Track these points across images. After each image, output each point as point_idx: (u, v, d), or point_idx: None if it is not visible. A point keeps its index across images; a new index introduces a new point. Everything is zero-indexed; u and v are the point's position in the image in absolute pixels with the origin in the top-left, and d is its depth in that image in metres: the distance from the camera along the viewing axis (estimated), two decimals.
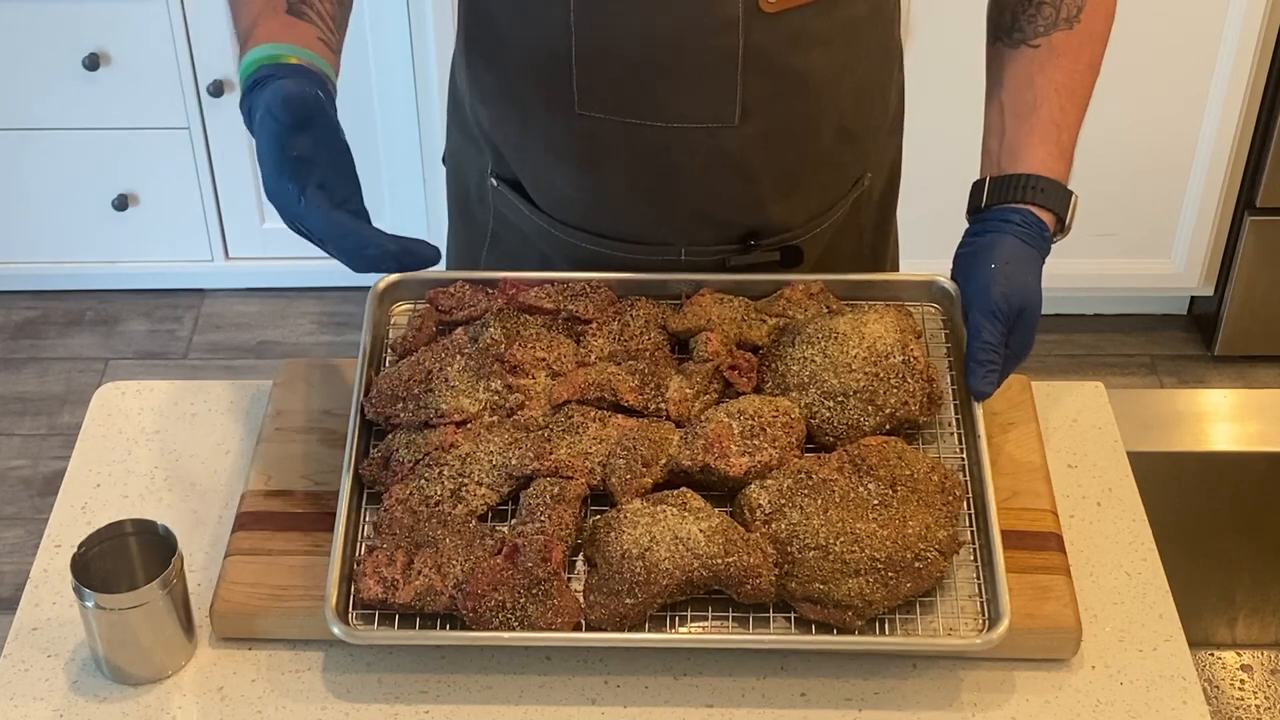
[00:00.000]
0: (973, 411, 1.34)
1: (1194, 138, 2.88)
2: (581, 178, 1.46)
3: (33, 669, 1.27)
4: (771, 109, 1.40)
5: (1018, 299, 1.34)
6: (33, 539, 2.68)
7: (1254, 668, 1.72)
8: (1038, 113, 1.41)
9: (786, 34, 1.37)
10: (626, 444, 1.30)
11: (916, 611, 1.25)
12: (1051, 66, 1.42)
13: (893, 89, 1.54)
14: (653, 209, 1.46)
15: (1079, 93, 1.43)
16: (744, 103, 1.39)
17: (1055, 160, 1.39)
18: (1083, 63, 1.43)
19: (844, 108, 1.45)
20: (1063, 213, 1.39)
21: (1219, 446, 1.62)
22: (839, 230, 1.55)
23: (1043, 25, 1.42)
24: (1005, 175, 1.39)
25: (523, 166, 1.50)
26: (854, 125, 1.48)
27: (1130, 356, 3.17)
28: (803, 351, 1.36)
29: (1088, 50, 1.44)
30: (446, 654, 1.28)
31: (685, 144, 1.41)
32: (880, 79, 1.50)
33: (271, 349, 3.13)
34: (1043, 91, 1.41)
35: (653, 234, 1.48)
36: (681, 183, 1.44)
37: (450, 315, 1.42)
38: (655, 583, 1.21)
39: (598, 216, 1.48)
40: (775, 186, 1.47)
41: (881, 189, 1.60)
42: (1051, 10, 1.42)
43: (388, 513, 1.28)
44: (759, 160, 1.44)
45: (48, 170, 3.08)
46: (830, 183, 1.52)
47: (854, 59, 1.43)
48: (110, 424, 1.49)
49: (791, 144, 1.44)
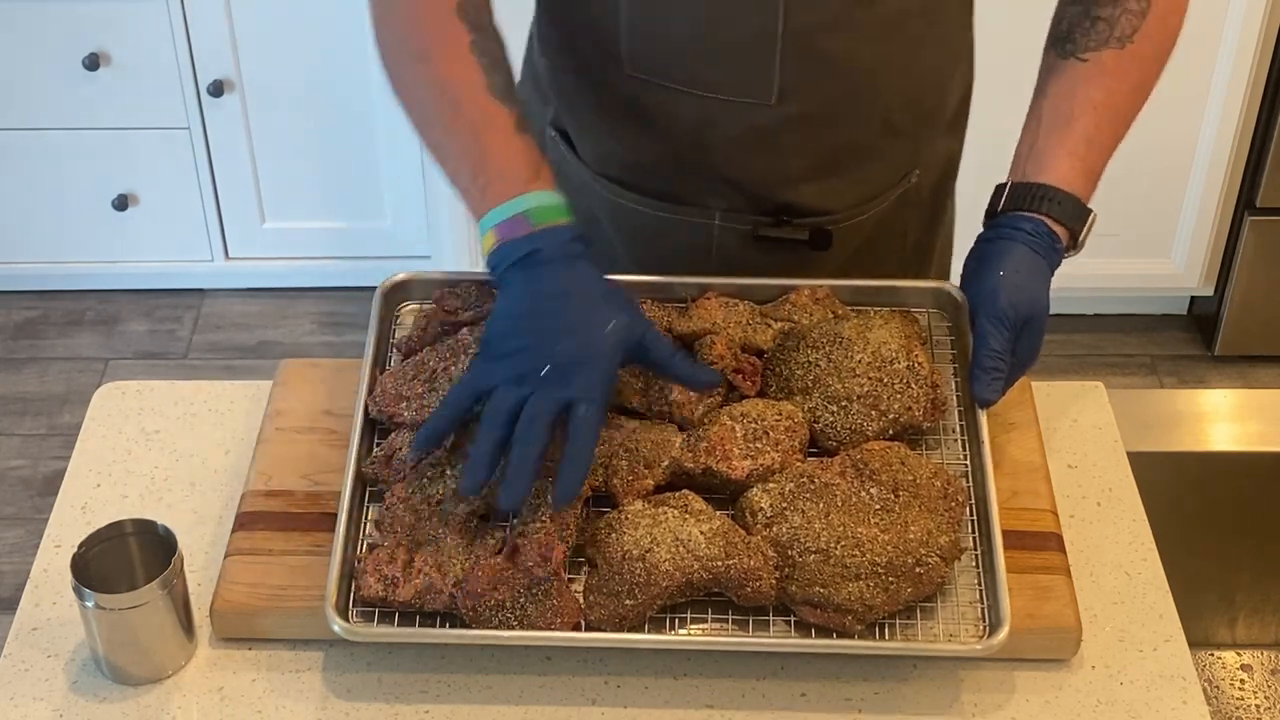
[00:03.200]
0: (976, 418, 1.34)
1: (1194, 138, 2.88)
2: (624, 136, 1.48)
3: (33, 669, 1.27)
4: (809, 92, 1.41)
5: (1025, 307, 1.33)
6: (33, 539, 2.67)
7: (1254, 668, 1.72)
8: (1071, 126, 1.40)
9: (826, 19, 1.37)
10: (629, 445, 1.30)
11: (917, 616, 1.25)
12: (1095, 84, 1.41)
13: (952, 87, 1.53)
14: (688, 173, 1.48)
15: (1118, 114, 1.42)
16: (782, 83, 1.40)
17: (1078, 176, 1.39)
18: (1127, 84, 1.42)
19: (889, 100, 1.45)
20: (1076, 229, 1.38)
21: (1219, 446, 1.62)
22: (880, 224, 1.55)
23: (1095, 41, 1.41)
24: (1025, 182, 1.39)
25: (572, 119, 1.53)
26: (901, 119, 1.48)
27: (1130, 356, 3.17)
28: (807, 356, 1.36)
29: (1136, 73, 1.42)
30: (446, 654, 1.28)
31: (722, 115, 1.43)
32: (935, 76, 1.50)
33: (271, 349, 3.14)
34: (1081, 106, 1.40)
35: (688, 196, 1.50)
36: (716, 152, 1.46)
37: (456, 315, 1.42)
38: (655, 584, 1.21)
39: (637, 174, 1.51)
40: (808, 168, 1.47)
41: (931, 188, 1.59)
42: (1106, 27, 1.41)
43: (389, 511, 1.28)
44: (793, 140, 1.44)
45: (48, 170, 3.08)
46: (871, 174, 1.52)
47: (903, 53, 1.43)
48: (110, 424, 1.49)
49: (828, 129, 1.45)
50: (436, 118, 1.34)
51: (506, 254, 1.27)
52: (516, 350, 1.23)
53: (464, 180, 1.32)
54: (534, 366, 1.22)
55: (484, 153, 1.31)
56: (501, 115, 1.32)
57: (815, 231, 1.50)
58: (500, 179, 1.29)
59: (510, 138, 1.31)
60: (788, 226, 1.50)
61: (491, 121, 1.31)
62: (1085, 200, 1.39)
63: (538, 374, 1.21)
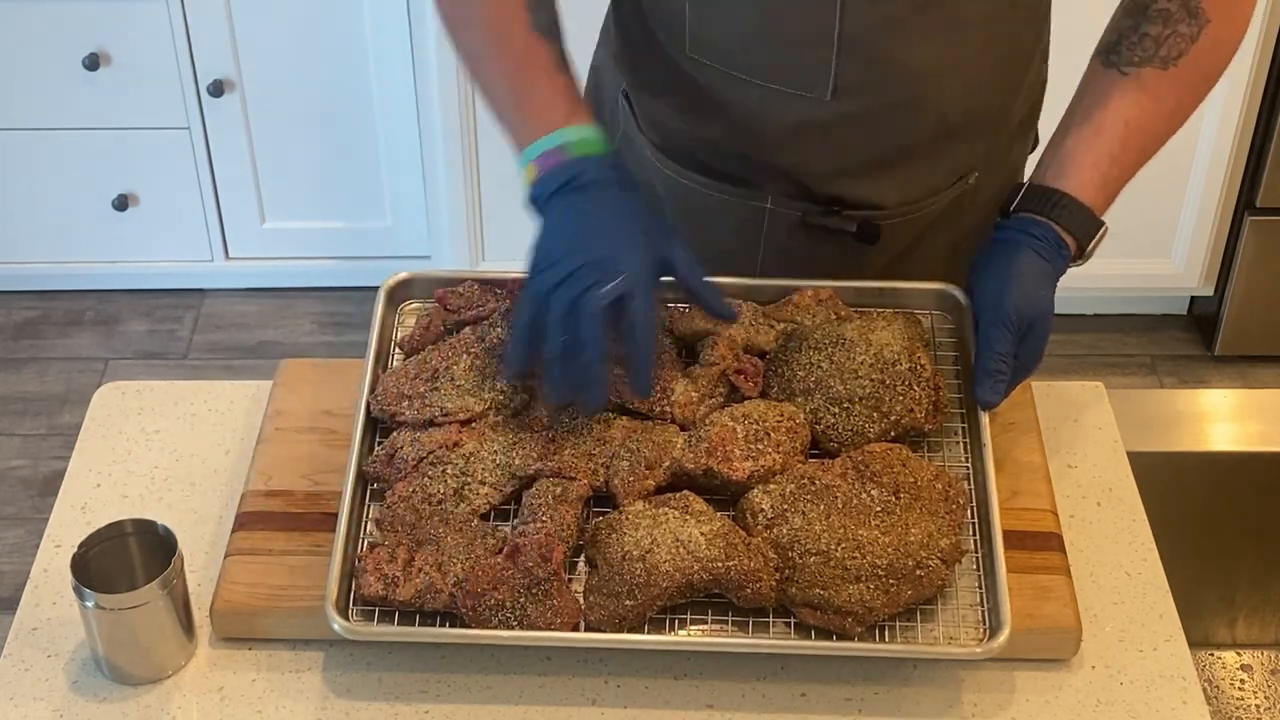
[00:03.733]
0: (978, 420, 1.34)
1: (1194, 138, 2.88)
2: (685, 116, 1.50)
3: (33, 669, 1.27)
4: (865, 91, 1.41)
5: (1029, 311, 1.33)
6: (33, 539, 2.68)
7: (1254, 668, 1.72)
8: (1099, 138, 1.39)
9: (883, 21, 1.37)
10: (630, 446, 1.30)
11: (917, 618, 1.25)
12: (1131, 99, 1.40)
13: (1019, 94, 1.52)
14: (743, 158, 1.49)
15: (1148, 133, 1.41)
16: (837, 81, 1.40)
17: (1095, 189, 1.38)
18: (1166, 106, 1.41)
19: (948, 104, 1.45)
20: (1084, 240, 1.38)
21: (1219, 446, 1.62)
22: (935, 224, 1.54)
23: (1139, 57, 1.40)
24: (1042, 186, 1.39)
25: (638, 94, 1.55)
26: (960, 122, 1.47)
27: (1130, 356, 3.17)
28: (809, 357, 1.36)
29: (1174, 96, 1.41)
30: (446, 653, 1.28)
31: (779, 106, 1.43)
32: (1000, 82, 1.48)
33: (271, 349, 3.13)
34: (1112, 120, 1.40)
35: (743, 179, 1.51)
36: (771, 141, 1.46)
37: (458, 315, 1.42)
38: (655, 585, 1.21)
39: (696, 154, 1.52)
40: (861, 164, 1.47)
41: (993, 192, 1.55)
42: (1152, 45, 1.40)
43: (390, 509, 1.28)
44: (847, 137, 1.45)
45: (48, 170, 3.08)
46: (927, 174, 1.51)
47: (959, 58, 1.42)
48: (110, 424, 1.49)
49: (881, 128, 1.45)
50: (482, 54, 1.40)
51: (547, 183, 1.31)
52: (561, 258, 1.26)
53: (507, 114, 1.37)
54: (579, 269, 1.25)
55: (526, 88, 1.35)
56: (544, 52, 1.36)
57: (863, 225, 1.50)
58: (540, 114, 1.34)
59: (552, 74, 1.36)
60: (836, 217, 1.50)
61: (534, 58, 1.36)
62: (1099, 213, 1.39)
63: (584, 277, 1.25)
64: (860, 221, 1.49)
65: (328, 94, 3.00)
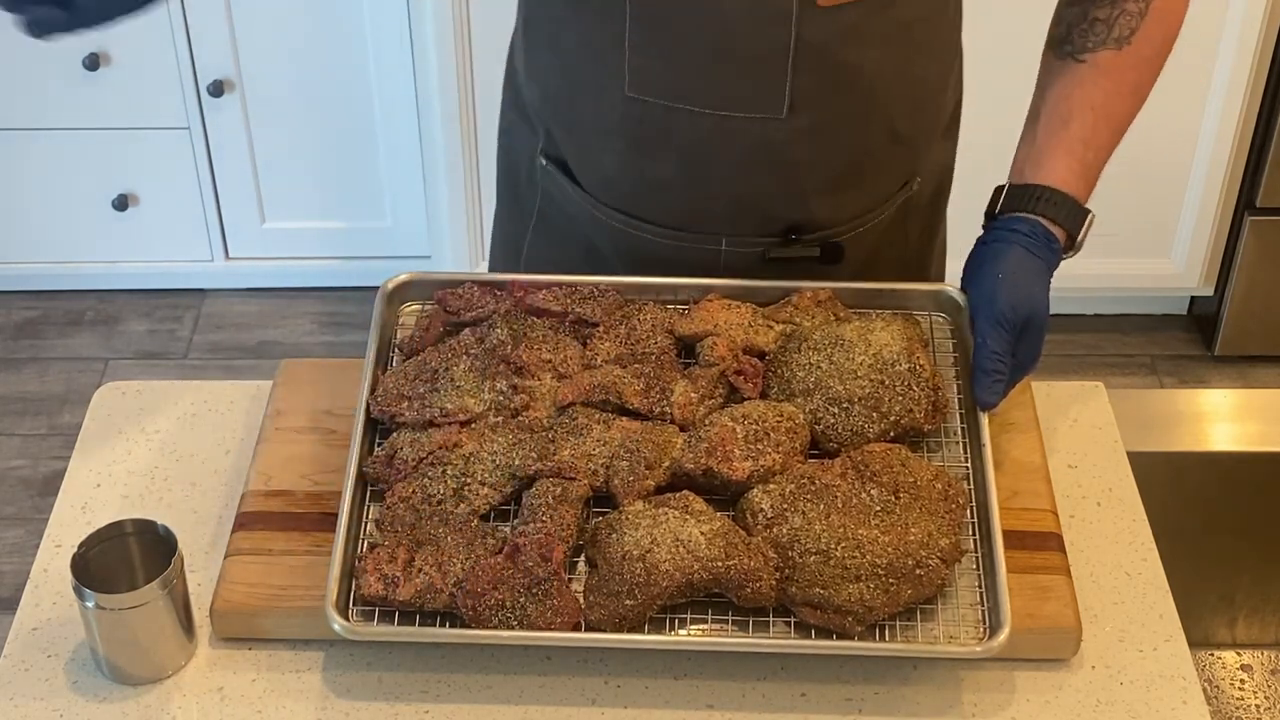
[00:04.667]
0: (978, 420, 1.34)
1: (1194, 138, 2.88)
2: (628, 161, 1.47)
3: (33, 669, 1.27)
4: (820, 104, 1.41)
5: (1024, 309, 1.34)
6: (33, 539, 2.68)
7: (1254, 668, 1.72)
8: (1068, 128, 1.40)
9: (839, 30, 1.37)
10: (630, 446, 1.30)
11: (917, 617, 1.25)
12: (1092, 84, 1.41)
13: (948, 93, 1.53)
14: (696, 196, 1.47)
15: (1116, 115, 1.42)
16: (792, 96, 1.39)
17: (1075, 177, 1.39)
18: (1126, 86, 1.42)
19: (895, 109, 1.45)
20: (1074, 229, 1.38)
21: (1219, 446, 1.62)
22: (884, 233, 1.55)
23: (1093, 42, 1.41)
24: (1022, 184, 1.39)
25: (570, 147, 1.51)
26: (905, 127, 1.48)
27: (1130, 356, 3.17)
28: (809, 358, 1.36)
29: (1134, 74, 1.43)
30: (446, 653, 1.28)
31: (732, 133, 1.41)
32: (935, 82, 1.50)
33: (271, 349, 3.13)
34: (1078, 107, 1.40)
35: (695, 222, 1.48)
36: (726, 171, 1.44)
37: (458, 316, 1.42)
38: (655, 584, 1.21)
39: (642, 201, 1.49)
40: (819, 182, 1.46)
41: (930, 194, 1.59)
42: (1104, 28, 1.41)
43: (390, 510, 1.28)
44: (804, 155, 1.44)
45: (48, 170, 3.08)
46: (877, 183, 1.51)
47: (908, 60, 1.43)
48: (110, 424, 1.49)
49: (838, 141, 1.44)
50: None
51: None
52: None
53: None
54: None
55: None
56: None
57: (826, 247, 1.50)
58: None
59: None
60: (798, 245, 1.49)
61: None
62: (1083, 201, 1.39)
63: None
64: (822, 244, 1.49)
65: (328, 94, 3.00)
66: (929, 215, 1.61)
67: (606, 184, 1.50)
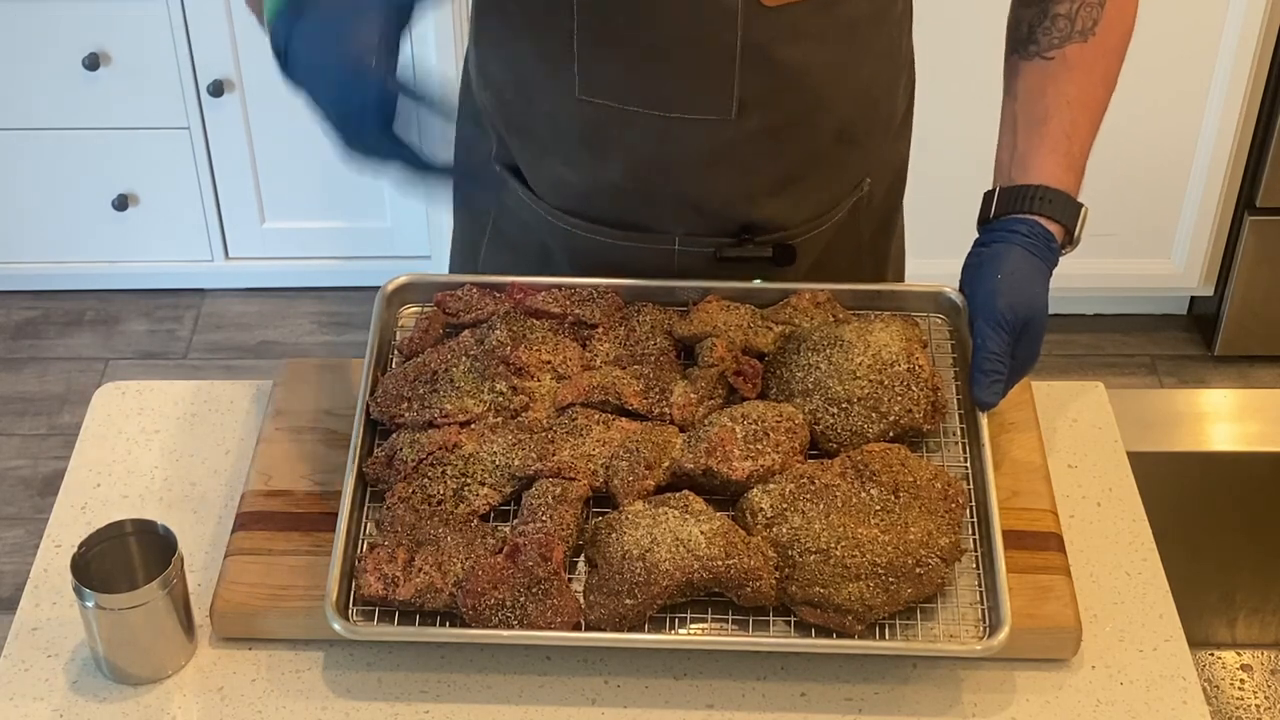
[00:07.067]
0: (977, 421, 1.34)
1: (1194, 138, 2.88)
2: (579, 163, 1.46)
3: (33, 669, 1.27)
4: (769, 105, 1.40)
5: (1024, 309, 1.34)
6: (33, 539, 2.68)
7: (1254, 668, 1.72)
8: (1048, 124, 1.40)
9: (785, 29, 1.37)
10: (629, 446, 1.30)
11: (917, 617, 1.25)
12: (1064, 79, 1.41)
13: (899, 94, 1.54)
14: (648, 197, 1.47)
15: (1092, 106, 1.42)
16: (741, 97, 1.39)
17: (1064, 172, 1.39)
18: (1096, 76, 1.43)
19: (844, 109, 1.45)
20: (1071, 224, 1.38)
21: (1219, 446, 1.62)
22: (837, 234, 1.55)
23: (1057, 38, 1.42)
24: (1013, 186, 1.39)
25: (523, 151, 1.51)
26: (855, 127, 1.48)
27: (1130, 356, 3.17)
28: (808, 358, 1.36)
29: (1102, 64, 1.43)
30: (446, 653, 1.28)
31: (682, 135, 1.41)
32: (885, 82, 1.50)
33: (271, 349, 3.13)
34: (1054, 103, 1.41)
35: (648, 223, 1.48)
36: (677, 173, 1.44)
37: (458, 318, 1.43)
38: (655, 584, 1.21)
39: (594, 203, 1.49)
40: (770, 183, 1.47)
41: (883, 194, 1.59)
42: (1066, 23, 1.42)
43: (390, 510, 1.28)
44: (754, 156, 1.44)
45: (48, 170, 3.08)
46: (828, 184, 1.52)
47: (855, 60, 1.43)
48: (110, 424, 1.49)
49: (788, 142, 1.44)
50: None
51: None
52: None
53: None
54: None
55: None
56: None
57: (778, 248, 1.50)
58: None
59: None
60: (750, 245, 1.49)
61: None
62: (1074, 195, 1.39)
63: None
64: (774, 245, 1.49)
65: None
66: (883, 215, 1.61)
67: (558, 188, 1.50)
